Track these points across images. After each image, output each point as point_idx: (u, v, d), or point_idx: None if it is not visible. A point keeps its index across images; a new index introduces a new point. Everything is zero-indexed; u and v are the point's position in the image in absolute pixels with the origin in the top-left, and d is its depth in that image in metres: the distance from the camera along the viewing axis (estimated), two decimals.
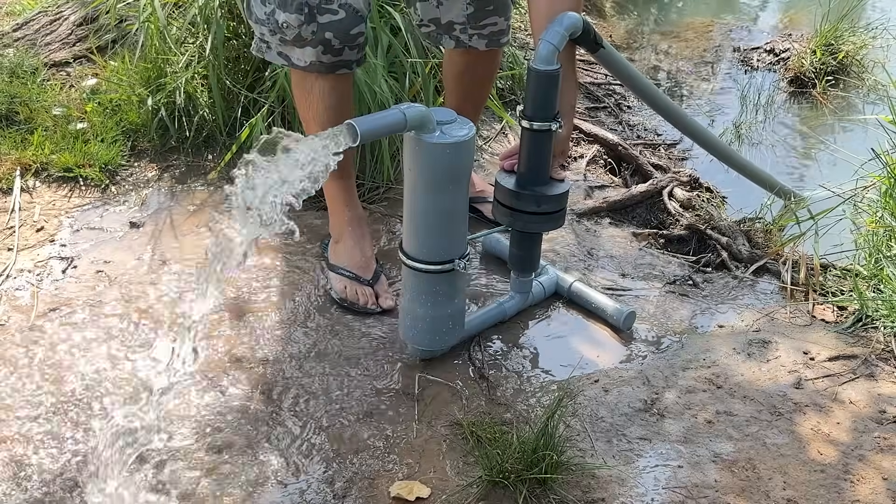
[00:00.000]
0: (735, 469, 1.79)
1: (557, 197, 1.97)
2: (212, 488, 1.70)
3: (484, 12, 2.18)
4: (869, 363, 2.10)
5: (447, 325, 1.98)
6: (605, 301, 2.21)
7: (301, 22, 1.89)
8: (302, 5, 1.88)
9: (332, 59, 1.96)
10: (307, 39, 1.92)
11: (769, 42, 4.36)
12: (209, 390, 1.92)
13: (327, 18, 1.90)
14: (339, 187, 2.20)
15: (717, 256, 2.54)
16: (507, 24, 2.23)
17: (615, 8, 4.80)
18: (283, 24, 1.90)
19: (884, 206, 2.55)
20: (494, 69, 2.44)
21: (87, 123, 2.77)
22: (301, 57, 1.96)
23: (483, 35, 2.21)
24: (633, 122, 3.52)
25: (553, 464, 1.69)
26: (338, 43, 1.93)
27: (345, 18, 1.91)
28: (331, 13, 1.90)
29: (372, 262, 2.23)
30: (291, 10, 1.88)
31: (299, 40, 1.92)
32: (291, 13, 1.89)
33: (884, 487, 1.76)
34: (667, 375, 2.04)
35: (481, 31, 2.20)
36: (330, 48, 1.94)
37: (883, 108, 3.33)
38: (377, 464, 1.77)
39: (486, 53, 2.27)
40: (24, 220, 2.45)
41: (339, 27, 1.91)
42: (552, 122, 1.88)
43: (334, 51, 1.94)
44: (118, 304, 2.16)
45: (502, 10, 2.20)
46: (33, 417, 1.83)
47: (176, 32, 2.82)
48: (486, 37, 2.22)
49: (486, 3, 2.17)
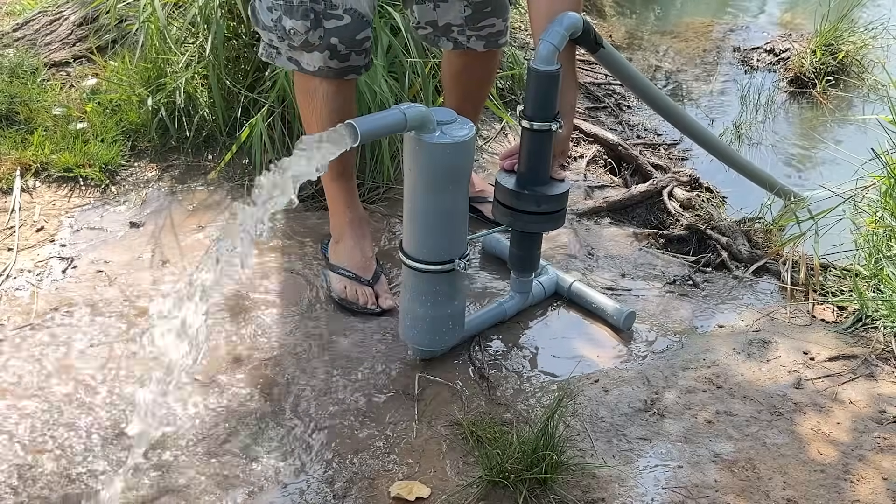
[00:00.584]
0: (735, 469, 1.79)
1: (557, 197, 1.97)
2: (212, 488, 1.70)
3: (482, 14, 2.18)
4: (869, 363, 2.10)
5: (447, 325, 1.98)
6: (605, 301, 2.21)
7: (308, 28, 1.90)
8: (308, 11, 1.88)
9: (340, 65, 1.96)
10: (315, 45, 1.92)
11: (769, 42, 4.36)
12: (209, 390, 1.92)
13: (333, 24, 1.91)
14: (339, 188, 2.20)
15: (717, 256, 2.54)
16: (504, 26, 2.24)
17: (615, 8, 4.80)
18: (291, 31, 1.91)
19: (884, 206, 2.55)
20: (493, 69, 2.44)
21: (87, 123, 2.77)
22: (310, 62, 1.96)
23: (481, 36, 2.21)
24: (633, 122, 3.52)
25: (553, 464, 1.69)
26: (344, 49, 1.94)
27: (350, 24, 1.92)
28: (336, 19, 1.91)
29: (372, 262, 2.23)
30: (297, 17, 1.89)
31: (307, 45, 1.93)
32: (297, 19, 1.89)
33: (884, 487, 1.76)
34: (667, 375, 2.04)
35: (479, 32, 2.20)
36: (337, 54, 1.94)
37: (883, 108, 3.33)
38: (377, 464, 1.77)
39: (485, 54, 2.27)
40: (24, 220, 2.46)
41: (344, 33, 1.92)
42: (552, 122, 1.88)
43: (341, 56, 1.95)
44: (118, 304, 2.16)
45: (500, 11, 2.20)
46: (33, 417, 1.83)
47: (176, 32, 2.82)
48: (483, 38, 2.22)
49: (484, 5, 2.17)
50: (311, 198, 2.54)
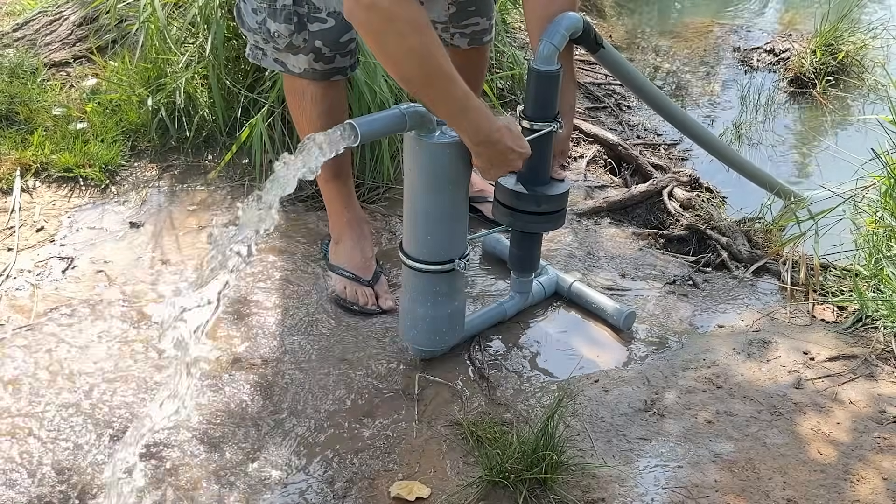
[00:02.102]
0: (735, 469, 1.79)
1: (557, 197, 1.97)
2: (212, 488, 1.70)
3: (466, 13, 2.21)
4: (869, 363, 2.10)
5: (447, 325, 1.98)
6: (605, 301, 2.21)
7: (291, 31, 1.91)
8: (291, 15, 1.89)
9: (325, 67, 1.97)
10: (300, 47, 1.93)
11: (769, 42, 4.36)
12: (209, 390, 1.92)
13: (317, 27, 1.92)
14: (336, 189, 2.20)
15: (717, 256, 2.54)
16: (489, 24, 2.27)
17: (615, 8, 4.80)
18: (275, 34, 1.92)
19: (884, 206, 2.55)
20: (482, 66, 2.45)
21: (87, 123, 2.77)
22: (296, 64, 1.97)
23: (465, 34, 2.24)
24: (633, 122, 3.52)
25: (553, 464, 1.69)
26: (328, 51, 1.95)
27: (334, 27, 1.92)
28: (320, 22, 1.91)
29: (372, 262, 2.23)
30: (281, 20, 1.90)
31: (292, 48, 1.94)
32: (281, 23, 1.90)
33: (884, 487, 1.76)
34: (667, 375, 2.04)
35: (463, 30, 2.23)
36: (321, 56, 1.95)
37: (883, 108, 3.33)
38: (377, 464, 1.77)
39: (470, 51, 2.29)
40: (24, 220, 2.45)
41: (328, 36, 1.93)
42: (552, 123, 1.88)
43: (326, 59, 1.96)
44: (118, 303, 2.16)
45: (484, 10, 2.23)
46: (33, 417, 1.83)
47: (176, 32, 2.82)
48: (468, 35, 2.24)
49: (468, 4, 2.20)
50: (311, 198, 2.54)
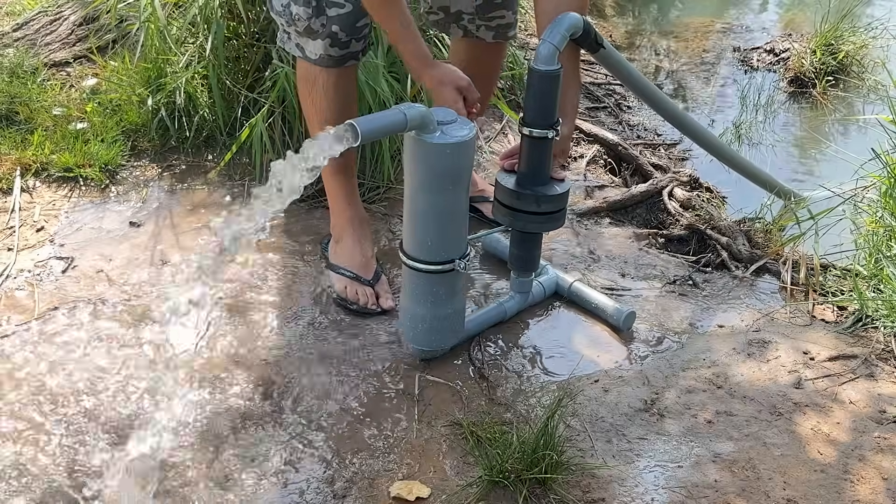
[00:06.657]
0: (735, 469, 1.79)
1: (557, 197, 1.97)
2: (212, 488, 1.70)
3: (492, 5, 2.21)
4: (869, 363, 2.10)
5: (447, 325, 1.98)
6: (605, 301, 2.21)
7: (310, 15, 1.96)
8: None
9: (340, 52, 2.01)
10: (317, 31, 1.98)
11: (769, 42, 4.35)
12: (209, 390, 1.92)
13: (335, 11, 1.96)
14: (340, 184, 2.21)
15: (717, 256, 2.53)
16: (514, 18, 2.28)
17: (615, 8, 4.80)
18: (296, 16, 1.97)
19: (884, 206, 2.55)
20: (500, 62, 2.47)
21: (87, 123, 2.77)
22: (313, 50, 2.01)
23: (490, 27, 2.24)
24: (633, 122, 3.52)
25: (553, 464, 1.69)
26: (344, 36, 1.99)
27: (352, 11, 1.97)
28: (338, 6, 1.96)
29: (372, 262, 2.23)
30: (301, 4, 1.96)
31: (310, 32, 1.98)
32: (301, 6, 1.96)
33: (884, 487, 1.76)
34: (667, 375, 2.04)
35: (489, 22, 2.23)
36: (337, 41, 1.99)
37: (883, 108, 3.33)
38: (377, 464, 1.77)
39: (493, 46, 2.30)
40: (24, 220, 2.45)
41: (346, 20, 1.97)
42: (552, 124, 1.88)
43: (341, 44, 2.00)
44: (118, 303, 2.16)
45: (510, 3, 2.24)
46: (34, 416, 1.83)
47: (176, 32, 2.82)
48: (493, 29, 2.25)
49: None
50: (311, 197, 2.54)
